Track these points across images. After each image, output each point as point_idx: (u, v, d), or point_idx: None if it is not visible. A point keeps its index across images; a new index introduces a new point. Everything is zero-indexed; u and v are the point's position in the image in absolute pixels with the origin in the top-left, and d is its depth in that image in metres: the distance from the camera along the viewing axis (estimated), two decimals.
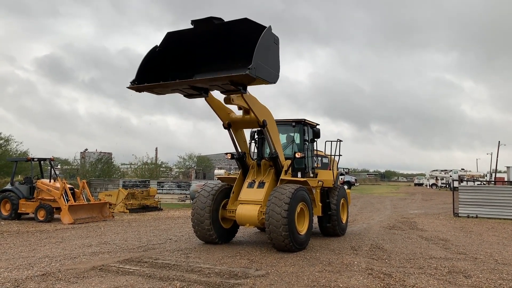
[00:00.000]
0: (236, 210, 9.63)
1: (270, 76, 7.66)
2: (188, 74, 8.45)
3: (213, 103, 9.25)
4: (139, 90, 8.15)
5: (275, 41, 7.89)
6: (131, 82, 7.96)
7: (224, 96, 9.04)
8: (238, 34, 7.94)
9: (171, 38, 8.41)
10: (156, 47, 8.38)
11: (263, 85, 8.06)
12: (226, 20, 8.00)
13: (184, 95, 8.63)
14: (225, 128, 9.82)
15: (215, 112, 9.47)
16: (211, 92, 8.94)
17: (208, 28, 8.00)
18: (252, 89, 8.75)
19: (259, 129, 11.04)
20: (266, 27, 7.53)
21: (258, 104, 9.34)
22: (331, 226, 11.37)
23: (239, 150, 10.23)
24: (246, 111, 9.64)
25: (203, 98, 8.96)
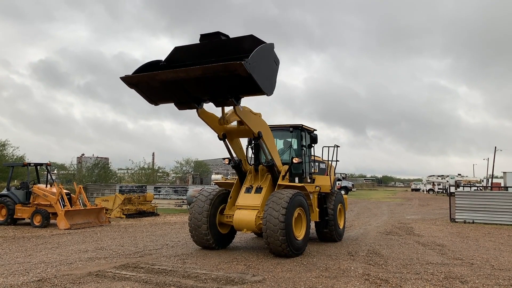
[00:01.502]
0: (233, 215, 9.62)
1: (265, 84, 7.45)
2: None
3: (206, 117, 9.03)
4: (130, 82, 7.89)
5: (276, 60, 7.84)
6: (125, 75, 7.82)
7: (219, 117, 8.99)
8: (244, 50, 7.84)
9: (178, 53, 8.33)
10: (160, 61, 8.32)
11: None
12: (233, 35, 8.03)
13: (176, 103, 8.38)
14: (220, 139, 9.69)
15: (209, 126, 9.28)
16: (203, 106, 8.68)
17: (214, 44, 8.00)
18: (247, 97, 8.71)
19: None
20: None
21: (252, 116, 9.31)
22: (328, 232, 11.38)
23: (235, 158, 10.21)
24: (241, 121, 9.61)
25: (198, 115, 8.70)
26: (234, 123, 9.91)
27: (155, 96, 8.34)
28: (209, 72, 7.26)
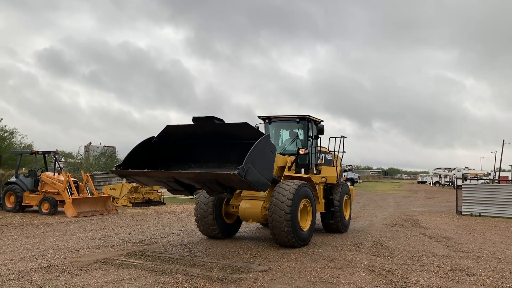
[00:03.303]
0: (239, 205, 9.65)
1: (260, 183, 7.37)
2: (178, 168, 8.44)
3: None
4: (121, 175, 8.06)
5: (272, 150, 7.79)
6: (115, 166, 7.96)
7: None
8: (237, 137, 7.94)
9: (170, 131, 8.41)
10: (152, 137, 8.42)
11: (264, 82, 7.96)
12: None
13: (168, 190, 8.48)
14: None
15: None
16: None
17: (208, 127, 8.03)
18: (251, 84, 8.74)
19: (263, 124, 11.11)
20: (264, 134, 7.55)
21: None
22: (334, 223, 11.39)
23: None
24: None
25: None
26: None
27: (148, 183, 8.69)
28: (202, 177, 7.31)
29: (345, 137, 11.90)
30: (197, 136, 8.28)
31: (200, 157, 8.38)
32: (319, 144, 11.56)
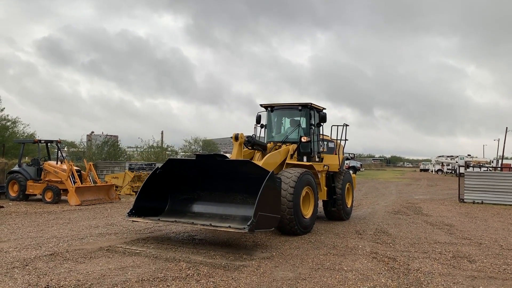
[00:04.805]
0: None
1: (271, 224, 7.66)
2: (187, 196, 8.80)
3: None
4: (135, 221, 8.44)
5: (278, 183, 7.96)
6: (128, 213, 8.29)
7: None
8: (240, 172, 8.18)
9: (173, 163, 8.78)
10: (157, 169, 8.78)
11: (264, 70, 8.04)
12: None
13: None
14: None
15: None
16: None
17: (210, 163, 8.31)
18: (252, 72, 8.84)
19: (265, 112, 11.07)
20: (269, 172, 7.63)
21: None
22: (336, 210, 11.41)
23: None
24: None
25: None
26: None
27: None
28: (215, 228, 7.66)
29: (348, 125, 11.85)
30: (200, 169, 8.60)
31: (207, 186, 8.66)
32: (321, 132, 11.53)
